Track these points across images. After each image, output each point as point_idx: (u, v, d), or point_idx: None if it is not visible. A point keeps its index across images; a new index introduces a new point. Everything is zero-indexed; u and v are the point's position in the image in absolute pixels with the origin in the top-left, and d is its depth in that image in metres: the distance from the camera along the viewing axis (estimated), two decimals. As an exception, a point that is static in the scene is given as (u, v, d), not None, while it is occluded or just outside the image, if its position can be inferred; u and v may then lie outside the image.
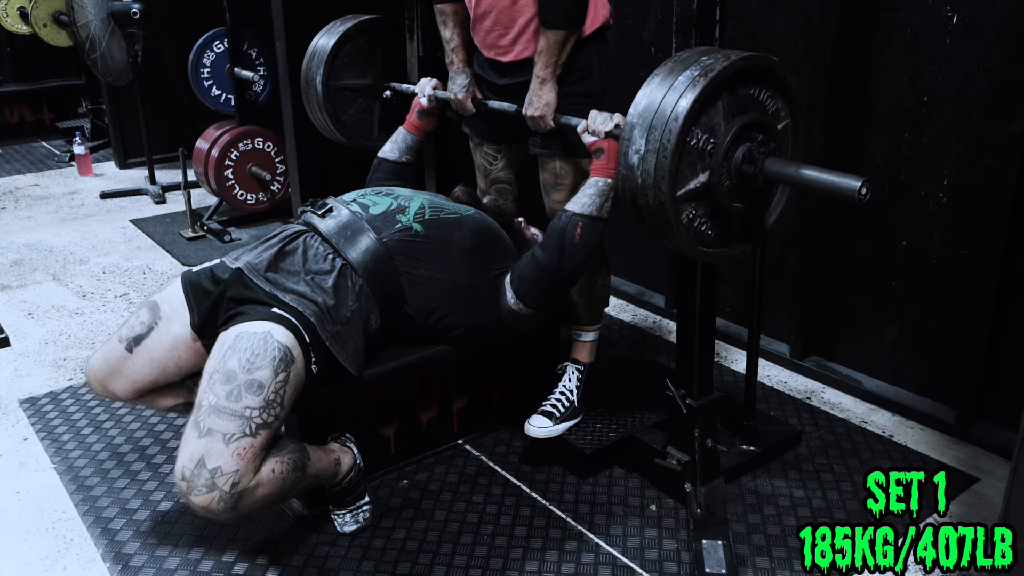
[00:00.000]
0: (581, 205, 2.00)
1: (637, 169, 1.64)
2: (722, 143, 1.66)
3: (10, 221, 4.53)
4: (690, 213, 1.70)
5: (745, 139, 1.69)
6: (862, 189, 1.55)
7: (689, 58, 1.66)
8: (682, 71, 1.63)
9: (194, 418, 1.75)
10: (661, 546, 2.00)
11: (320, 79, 2.72)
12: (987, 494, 2.18)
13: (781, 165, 1.68)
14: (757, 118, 1.70)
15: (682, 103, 1.59)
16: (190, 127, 4.75)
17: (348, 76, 2.79)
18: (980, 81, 2.27)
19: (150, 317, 1.99)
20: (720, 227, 1.77)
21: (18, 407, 2.64)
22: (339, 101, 2.79)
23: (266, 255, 2.00)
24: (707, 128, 1.65)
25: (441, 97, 2.48)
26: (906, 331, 2.58)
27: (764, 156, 1.68)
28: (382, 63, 2.83)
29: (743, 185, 1.71)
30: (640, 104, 1.65)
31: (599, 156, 1.99)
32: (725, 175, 1.69)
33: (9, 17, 6.07)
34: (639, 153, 1.63)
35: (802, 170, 1.65)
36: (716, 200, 1.70)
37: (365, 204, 2.11)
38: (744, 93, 1.69)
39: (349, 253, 2.00)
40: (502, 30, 2.24)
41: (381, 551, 1.99)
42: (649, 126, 1.62)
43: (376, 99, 2.84)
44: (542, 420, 2.33)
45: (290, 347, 1.82)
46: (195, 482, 1.69)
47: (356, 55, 2.79)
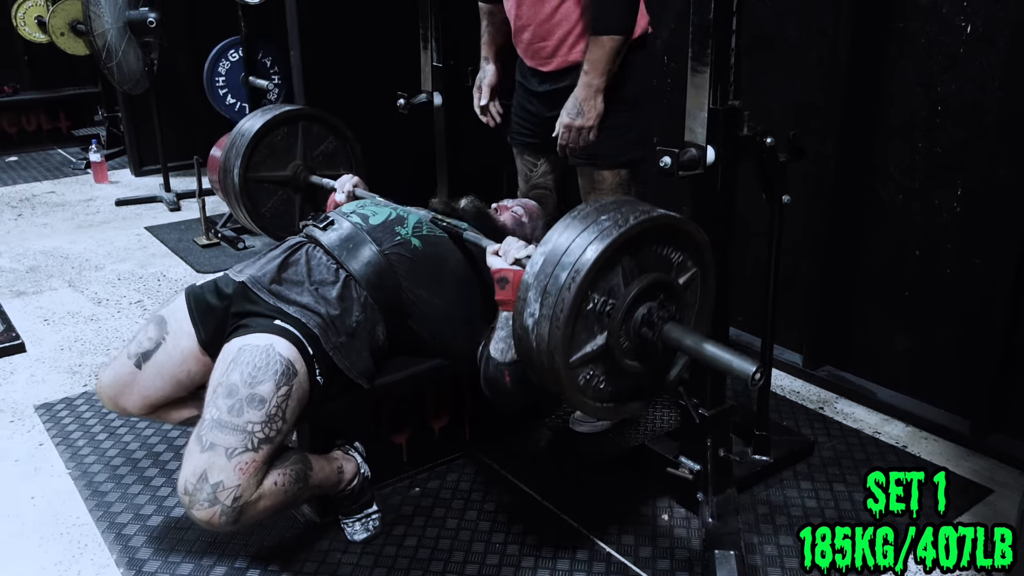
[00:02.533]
0: (500, 351, 1.89)
1: (531, 333, 1.59)
2: (620, 306, 1.61)
3: (27, 228, 4.57)
4: (587, 375, 1.66)
5: (646, 299, 1.64)
6: (756, 375, 1.50)
7: (588, 215, 1.60)
8: (579, 230, 1.58)
9: (197, 432, 1.75)
10: (673, 556, 2.00)
11: (238, 171, 2.70)
12: (1001, 506, 2.17)
13: (680, 334, 1.62)
14: (658, 279, 1.65)
15: (577, 269, 1.53)
16: (205, 135, 4.78)
17: (267, 168, 2.78)
18: (994, 90, 2.26)
19: (157, 332, 2.00)
20: (618, 383, 1.72)
21: (34, 413, 2.66)
22: (257, 194, 2.79)
23: (269, 268, 2.00)
24: (605, 291, 1.60)
25: (361, 196, 2.41)
26: (920, 341, 2.57)
27: (663, 321, 1.63)
28: (302, 155, 2.82)
29: (642, 346, 1.67)
30: (536, 263, 1.59)
31: (503, 286, 1.85)
32: (623, 336, 1.64)
33: (27, 26, 6.13)
34: (533, 317, 1.58)
35: (701, 344, 1.59)
36: (614, 360, 1.66)
37: (365, 215, 2.12)
38: (646, 252, 1.65)
39: (352, 265, 2.00)
40: (541, 42, 2.30)
41: (393, 558, 1.99)
42: (543, 290, 1.56)
43: (296, 191, 2.83)
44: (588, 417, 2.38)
45: (292, 360, 1.82)
46: (197, 496, 1.69)
47: (274, 148, 2.78)
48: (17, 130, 6.43)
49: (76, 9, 5.53)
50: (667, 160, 1.80)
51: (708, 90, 1.80)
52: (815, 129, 2.61)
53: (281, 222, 2.83)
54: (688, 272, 1.75)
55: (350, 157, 2.93)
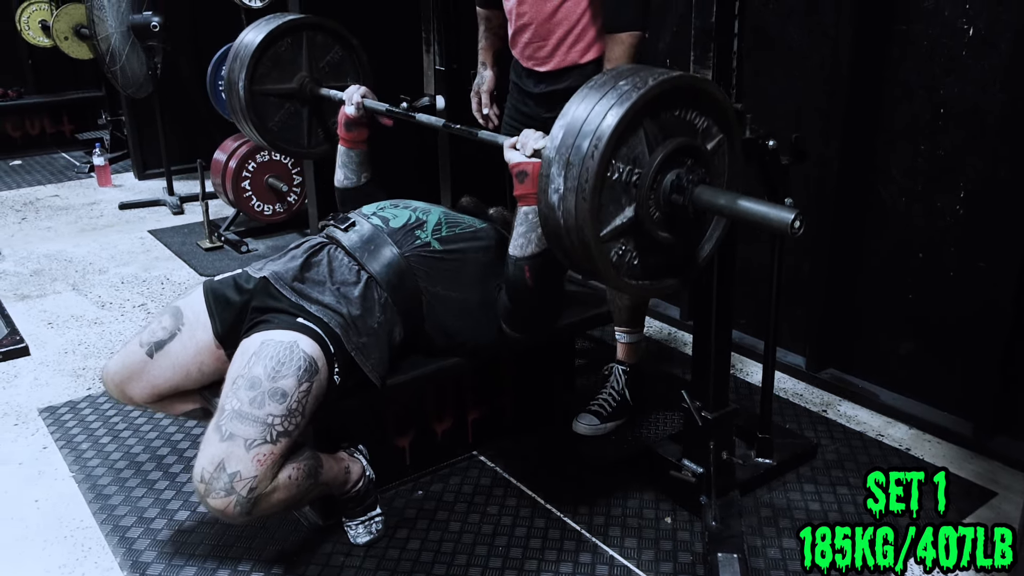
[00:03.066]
0: (519, 246, 1.90)
1: (558, 209, 1.53)
2: (647, 174, 1.55)
3: (31, 231, 4.58)
4: (619, 250, 1.60)
5: (673, 165, 1.57)
6: (795, 222, 1.44)
7: (606, 83, 1.54)
8: (598, 98, 1.51)
9: (216, 421, 1.76)
10: (676, 559, 2.00)
11: (243, 86, 2.60)
12: (1005, 509, 2.16)
13: (712, 194, 1.55)
14: (684, 143, 1.57)
15: (599, 136, 1.47)
16: (208, 139, 4.79)
17: (272, 81, 2.68)
18: (996, 93, 2.26)
19: (172, 323, 2.01)
20: (651, 258, 1.66)
21: (37, 416, 2.66)
22: (264, 108, 2.69)
23: (292, 265, 2.02)
24: (629, 159, 1.54)
25: (370, 107, 2.39)
26: (923, 343, 2.56)
27: (694, 184, 1.56)
28: (307, 66, 2.73)
29: (673, 215, 1.60)
30: (556, 137, 1.53)
31: (522, 180, 1.82)
32: (653, 206, 1.58)
33: (31, 30, 6.15)
34: (558, 192, 1.52)
35: (735, 201, 1.52)
36: (645, 233, 1.60)
37: (385, 217, 2.13)
38: (668, 116, 1.58)
39: (372, 266, 2.02)
40: (540, 42, 2.30)
41: (396, 561, 1.99)
42: (566, 163, 1.50)
43: (304, 104, 2.75)
44: (590, 418, 2.41)
45: (315, 358, 1.84)
46: (214, 485, 1.70)
47: (279, 59, 2.68)
48: (21, 134, 6.45)
49: (80, 13, 5.55)
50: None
51: (711, 93, 1.80)
52: (817, 131, 2.61)
53: (289, 135, 2.75)
54: (715, 139, 1.67)
55: (357, 66, 2.82)
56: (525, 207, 1.87)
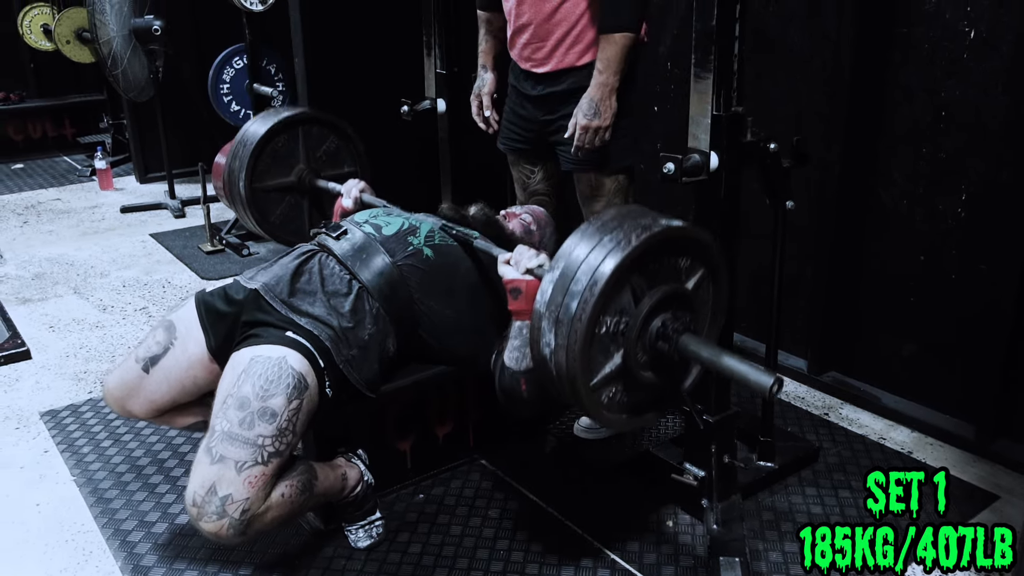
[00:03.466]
0: (515, 360, 1.89)
1: (550, 362, 1.61)
2: (635, 324, 1.63)
3: (32, 235, 4.59)
4: (609, 393, 1.69)
5: (659, 312, 1.65)
6: (774, 387, 1.49)
7: (594, 234, 1.60)
8: (587, 252, 1.58)
9: (206, 443, 1.75)
10: (678, 562, 1.99)
11: (243, 184, 2.69)
12: (1008, 512, 2.16)
13: (697, 346, 1.62)
14: (668, 292, 1.65)
15: (586, 299, 1.54)
16: (209, 142, 4.79)
17: (272, 177, 2.77)
18: (998, 95, 2.26)
19: (166, 337, 2.00)
20: (636, 395, 1.74)
21: (39, 419, 2.66)
22: (265, 204, 2.78)
23: (282, 276, 2.00)
24: (616, 311, 1.62)
25: (368, 202, 2.40)
26: (925, 347, 2.56)
27: (678, 333, 1.63)
28: (304, 158, 2.81)
29: (658, 359, 1.67)
30: (546, 292, 1.61)
31: (516, 296, 1.85)
32: (640, 351, 1.66)
33: (32, 34, 6.16)
34: (549, 347, 1.59)
35: (718, 357, 1.58)
36: (632, 376, 1.68)
37: (378, 224, 2.12)
38: (653, 266, 1.65)
39: (364, 275, 2.00)
40: (539, 43, 2.31)
41: (397, 565, 1.99)
42: (556, 320, 1.58)
43: (303, 196, 2.83)
44: (590, 422, 2.39)
45: (304, 373, 1.82)
46: (206, 509, 1.70)
47: (276, 155, 2.77)
48: (23, 137, 6.46)
49: (82, 17, 5.56)
50: (671, 166, 1.80)
51: (711, 96, 1.81)
52: (819, 135, 2.61)
53: (291, 227, 2.81)
54: (697, 274, 1.74)
55: (354, 154, 2.89)
56: (519, 322, 1.87)
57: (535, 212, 2.43)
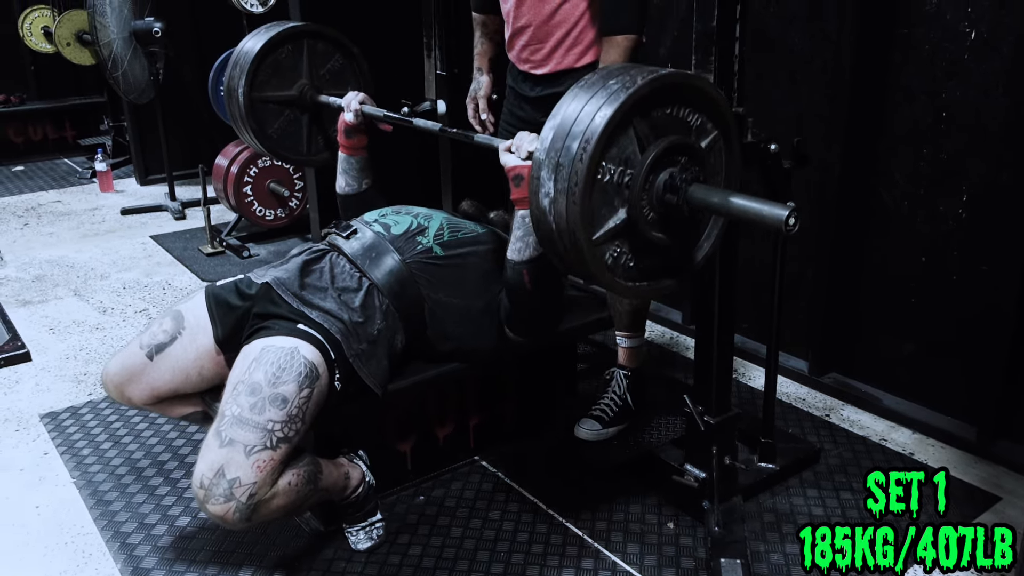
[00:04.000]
0: (517, 250, 1.90)
1: (549, 213, 1.51)
2: (639, 174, 1.52)
3: (32, 237, 4.59)
4: (613, 252, 1.58)
5: (666, 164, 1.54)
6: (789, 219, 1.40)
7: (595, 82, 1.51)
8: (587, 98, 1.49)
9: (216, 427, 1.76)
10: (679, 564, 1.99)
11: (242, 92, 2.60)
12: (1009, 514, 2.15)
13: (706, 192, 1.52)
14: (676, 142, 1.54)
15: (587, 138, 1.45)
16: (210, 144, 4.80)
17: (272, 88, 2.68)
18: (999, 96, 2.26)
19: (173, 326, 2.01)
20: (646, 260, 1.63)
21: (39, 422, 2.66)
22: (264, 115, 2.68)
23: (293, 271, 2.03)
24: (620, 160, 1.51)
25: (368, 113, 2.38)
26: (926, 348, 2.56)
27: (687, 183, 1.52)
28: (307, 74, 2.72)
29: (668, 215, 1.57)
30: (545, 139, 1.51)
31: (518, 183, 1.82)
32: (647, 207, 1.55)
33: (33, 36, 6.17)
34: (548, 196, 1.50)
35: (729, 198, 1.49)
36: (639, 234, 1.57)
37: (387, 224, 2.13)
38: (660, 115, 1.54)
39: (374, 274, 2.02)
40: (538, 44, 2.30)
41: (397, 567, 1.99)
42: (556, 165, 1.48)
43: (303, 111, 2.74)
44: (592, 423, 2.41)
45: (316, 364, 1.83)
46: (213, 491, 1.70)
47: (279, 66, 2.67)
48: (23, 140, 6.47)
49: (82, 19, 5.57)
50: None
51: (712, 97, 1.80)
52: (819, 135, 2.61)
53: (289, 143, 2.73)
54: (709, 135, 1.63)
55: (358, 75, 2.81)
56: (521, 211, 1.86)
57: None
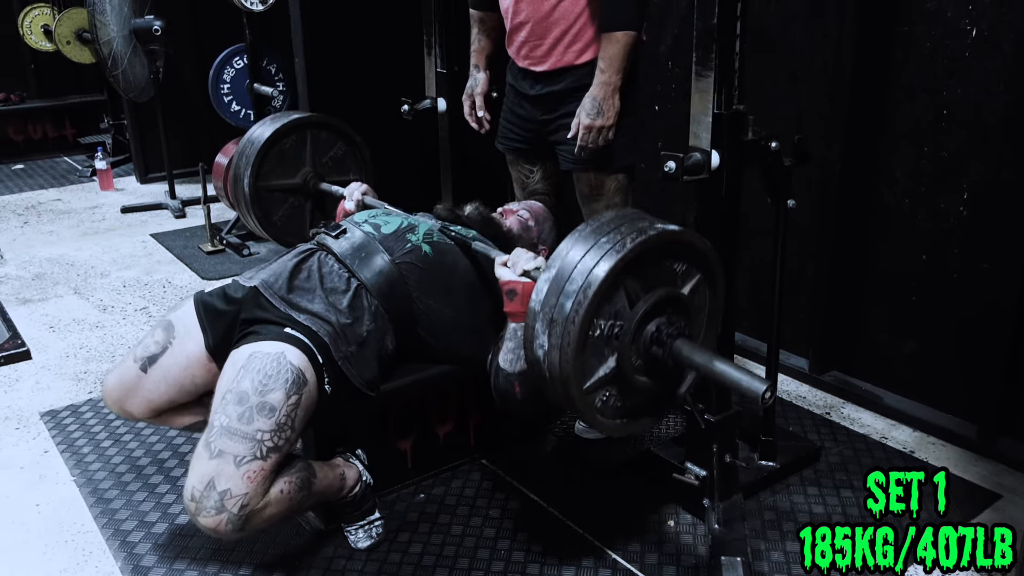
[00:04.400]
0: (509, 362, 1.88)
1: (543, 363, 1.60)
2: (629, 328, 1.61)
3: (32, 235, 4.58)
4: (602, 397, 1.67)
5: (653, 316, 1.64)
6: (766, 394, 1.49)
7: (589, 236, 1.60)
8: (582, 253, 1.57)
9: (205, 438, 1.75)
10: (679, 562, 1.99)
11: (248, 181, 2.71)
12: (1010, 512, 2.15)
13: (690, 351, 1.61)
14: (663, 296, 1.64)
15: (580, 301, 1.53)
16: (210, 142, 4.79)
17: (277, 177, 2.78)
18: (1000, 94, 2.26)
19: (164, 337, 2.00)
20: (631, 399, 1.72)
21: (39, 420, 2.66)
22: (268, 203, 2.79)
23: (281, 273, 2.01)
24: (611, 314, 1.60)
25: (370, 205, 2.40)
26: (927, 346, 2.55)
27: (672, 338, 1.62)
28: (311, 162, 2.82)
29: (653, 364, 1.66)
30: (541, 291, 1.60)
31: (512, 298, 1.85)
32: (634, 355, 1.65)
33: (33, 34, 6.16)
34: (543, 348, 1.58)
35: (711, 363, 1.57)
36: (626, 380, 1.67)
37: (377, 224, 2.13)
38: (648, 271, 1.64)
39: (363, 274, 2.01)
40: (537, 41, 2.30)
41: (398, 565, 1.98)
42: (550, 321, 1.56)
43: (307, 198, 2.84)
44: None
45: (303, 369, 1.82)
46: (204, 504, 1.69)
47: (283, 156, 2.78)
48: (23, 138, 6.46)
49: (82, 17, 5.56)
50: (672, 165, 1.80)
51: (712, 95, 1.80)
52: (820, 133, 2.61)
53: (292, 229, 2.82)
54: (692, 279, 1.73)
55: (359, 162, 2.92)
56: (514, 324, 1.87)
57: (533, 208, 2.43)
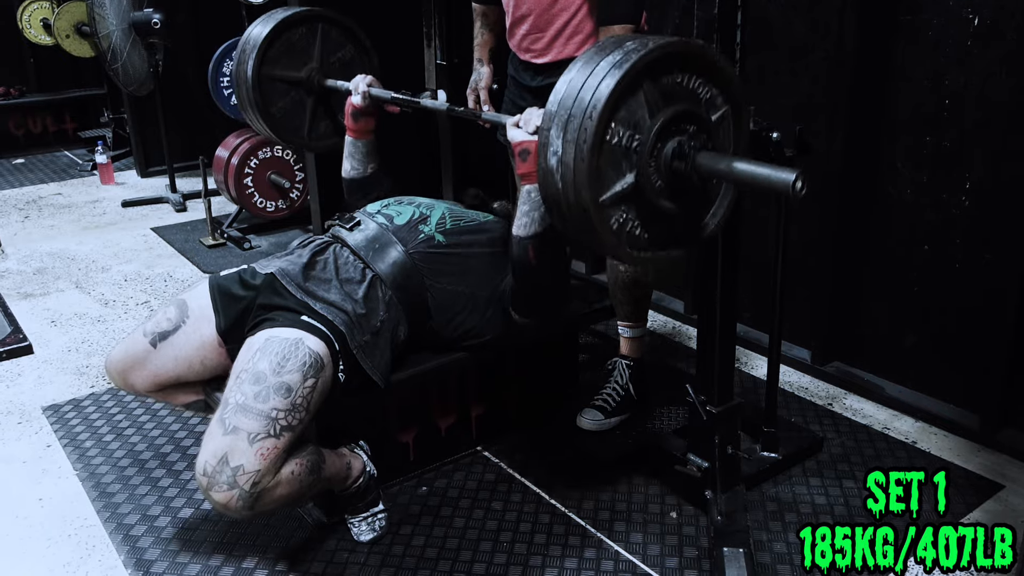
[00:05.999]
0: (523, 226, 1.89)
1: (556, 172, 1.50)
2: (647, 139, 1.50)
3: (33, 230, 4.58)
4: (619, 217, 1.55)
5: (676, 133, 1.53)
6: (796, 183, 1.39)
7: (608, 46, 1.51)
8: (599, 60, 1.48)
9: (219, 415, 1.76)
10: (681, 554, 1.99)
11: (252, 66, 2.60)
12: (1013, 502, 2.15)
13: (714, 159, 1.50)
14: (686, 108, 1.53)
15: (597, 96, 1.43)
16: (210, 136, 4.79)
17: (281, 67, 2.67)
18: (1003, 82, 2.25)
19: (178, 315, 2.01)
20: (654, 228, 1.60)
21: (41, 414, 2.66)
22: (270, 93, 2.67)
23: (297, 262, 2.03)
24: (630, 124, 1.50)
25: (376, 95, 2.37)
26: (929, 336, 2.55)
27: (696, 150, 1.51)
28: (318, 59, 2.72)
29: (676, 183, 1.55)
30: (555, 98, 1.50)
31: (524, 158, 1.82)
32: (654, 173, 1.53)
33: (32, 28, 6.16)
34: (556, 155, 1.49)
35: (735, 164, 1.48)
36: (647, 201, 1.55)
37: (390, 215, 2.14)
38: (670, 82, 1.53)
39: (378, 266, 2.03)
40: (539, 33, 2.30)
41: (400, 558, 1.99)
42: (564, 123, 1.47)
43: (309, 94, 2.73)
44: (594, 414, 2.41)
45: (321, 355, 1.84)
46: (216, 478, 1.70)
47: (291, 47, 2.67)
48: (23, 132, 6.46)
49: (81, 11, 5.55)
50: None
51: (713, 84, 1.78)
52: (822, 123, 2.60)
53: (291, 124, 2.72)
54: (719, 110, 1.61)
55: (367, 68, 2.83)
56: (528, 185, 1.86)
57: None
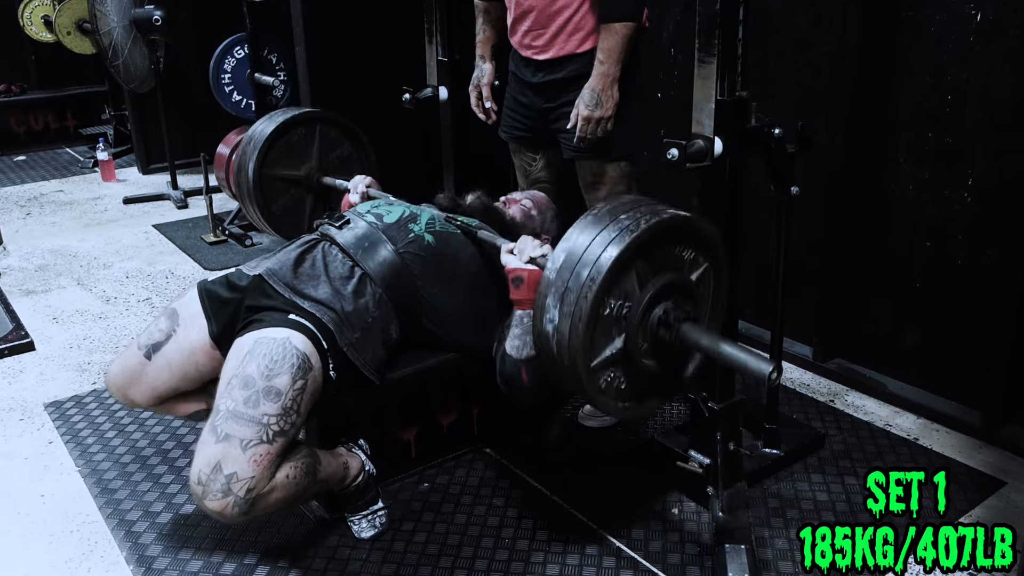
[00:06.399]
0: (515, 348, 1.89)
1: (551, 338, 1.61)
2: (637, 309, 1.63)
3: (35, 227, 4.58)
4: (607, 377, 1.68)
5: (661, 300, 1.66)
6: (772, 374, 1.51)
7: (602, 218, 1.62)
8: (594, 234, 1.59)
9: (211, 422, 1.76)
10: (683, 550, 1.99)
11: (253, 166, 2.70)
12: (1014, 498, 2.15)
13: (697, 334, 1.63)
14: (672, 280, 1.66)
15: (593, 276, 1.55)
16: (211, 133, 4.78)
17: (282, 167, 2.79)
18: (1005, 78, 2.24)
19: (168, 324, 2.01)
20: (637, 382, 1.74)
21: (43, 411, 2.66)
22: (271, 191, 2.79)
23: (285, 262, 2.02)
24: (621, 294, 1.62)
25: (375, 197, 2.40)
26: (931, 333, 2.55)
27: (679, 321, 1.64)
28: (317, 157, 2.83)
29: (659, 346, 1.68)
30: (554, 268, 1.61)
31: (518, 285, 1.87)
32: (641, 338, 1.66)
33: (33, 25, 6.15)
34: (553, 323, 1.59)
35: (717, 344, 1.60)
36: (633, 362, 1.68)
37: (379, 214, 2.13)
38: (658, 254, 1.66)
39: (368, 264, 2.02)
40: (540, 30, 2.30)
41: (402, 554, 1.99)
42: (562, 297, 1.58)
43: (308, 192, 2.84)
44: (595, 410, 2.38)
45: (308, 354, 1.83)
46: (211, 487, 1.70)
47: (291, 147, 2.79)
48: (25, 129, 6.46)
49: (82, 8, 5.54)
50: (674, 152, 1.78)
51: (715, 81, 1.79)
52: (824, 120, 2.59)
53: (291, 221, 2.83)
54: (700, 268, 1.75)
55: (365, 164, 2.93)
56: (520, 311, 1.88)
57: (535, 197, 2.42)
